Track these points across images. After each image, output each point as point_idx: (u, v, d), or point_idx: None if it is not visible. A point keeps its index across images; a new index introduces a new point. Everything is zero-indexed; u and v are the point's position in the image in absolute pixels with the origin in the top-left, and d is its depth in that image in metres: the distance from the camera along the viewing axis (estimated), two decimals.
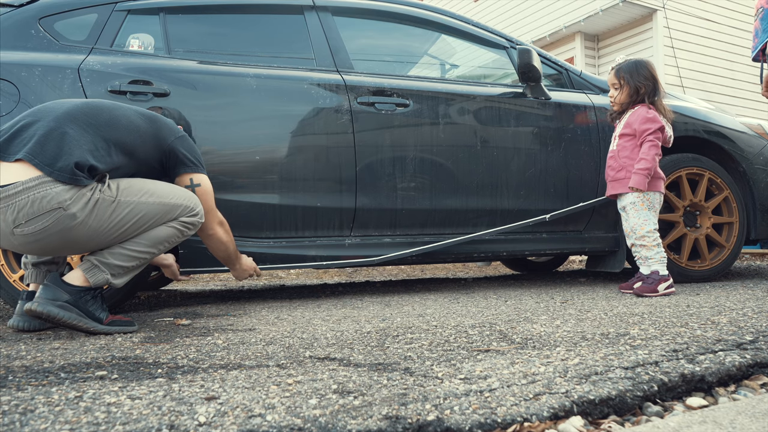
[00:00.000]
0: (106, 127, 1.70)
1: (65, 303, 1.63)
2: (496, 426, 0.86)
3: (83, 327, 1.67)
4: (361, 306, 2.35)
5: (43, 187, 1.54)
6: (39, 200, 1.53)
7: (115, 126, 1.72)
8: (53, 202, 1.54)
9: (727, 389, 1.08)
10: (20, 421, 0.90)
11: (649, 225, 2.43)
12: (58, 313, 1.61)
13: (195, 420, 0.88)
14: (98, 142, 1.66)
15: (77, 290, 1.66)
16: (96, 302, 1.71)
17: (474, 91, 2.71)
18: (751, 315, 1.67)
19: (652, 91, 2.49)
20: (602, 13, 8.45)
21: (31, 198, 1.53)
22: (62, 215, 1.56)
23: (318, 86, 2.46)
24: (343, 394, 1.00)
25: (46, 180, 1.54)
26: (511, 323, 1.73)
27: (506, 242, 2.72)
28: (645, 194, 2.43)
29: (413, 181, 2.56)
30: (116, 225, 1.67)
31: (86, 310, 1.68)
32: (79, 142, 1.61)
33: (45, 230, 1.57)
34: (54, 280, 1.66)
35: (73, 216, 1.58)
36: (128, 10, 2.42)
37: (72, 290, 1.65)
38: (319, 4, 2.68)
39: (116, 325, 1.75)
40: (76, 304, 1.65)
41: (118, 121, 1.74)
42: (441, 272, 4.91)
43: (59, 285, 1.65)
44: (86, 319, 1.67)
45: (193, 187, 1.88)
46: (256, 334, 1.70)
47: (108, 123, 1.71)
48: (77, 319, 1.65)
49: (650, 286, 2.34)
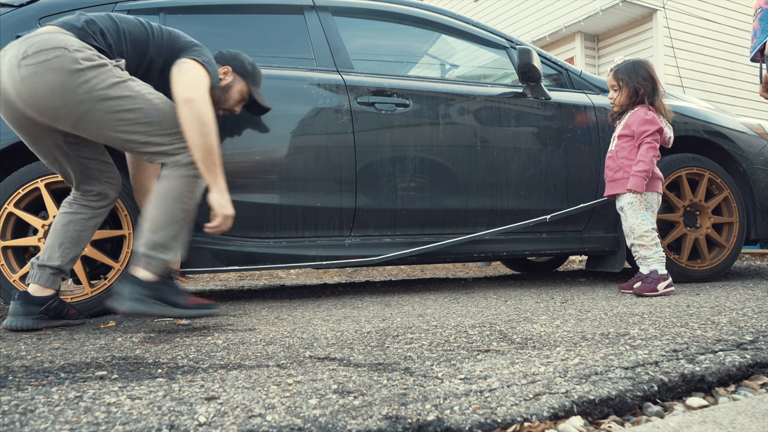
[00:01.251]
0: (123, 20, 1.83)
1: (148, 298, 1.70)
2: (496, 426, 0.86)
3: (171, 315, 1.75)
4: (361, 306, 2.35)
5: (58, 33, 1.68)
6: (50, 39, 1.65)
7: (132, 22, 1.84)
8: (61, 42, 1.65)
9: (727, 389, 1.08)
10: (20, 421, 0.90)
11: (647, 225, 2.43)
12: (145, 310, 1.70)
13: (195, 420, 0.88)
14: (112, 24, 1.79)
15: (152, 284, 1.73)
16: (172, 289, 1.78)
17: (474, 91, 2.71)
18: (751, 315, 1.67)
19: (652, 91, 2.49)
20: (602, 13, 8.45)
21: (45, 37, 1.66)
22: (66, 55, 1.63)
23: (318, 86, 2.46)
24: (343, 394, 1.00)
25: (61, 30, 1.70)
26: (511, 323, 1.73)
27: (506, 242, 2.72)
28: (642, 195, 2.44)
29: (413, 181, 2.56)
30: (113, 103, 1.68)
31: (167, 299, 1.74)
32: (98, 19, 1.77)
33: (46, 64, 1.63)
34: (129, 278, 1.72)
35: (75, 60, 1.64)
36: (128, 10, 2.42)
37: (149, 285, 1.72)
38: (319, 4, 2.68)
39: (200, 308, 1.83)
40: (157, 297, 1.72)
41: (135, 20, 1.86)
42: (441, 272, 4.91)
43: (137, 282, 1.71)
44: (171, 308, 1.75)
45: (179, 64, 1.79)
46: (256, 334, 1.70)
47: (127, 19, 1.84)
48: (163, 311, 1.73)
49: (649, 285, 2.35)
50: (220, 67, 2.07)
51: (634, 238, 2.46)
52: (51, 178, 2.13)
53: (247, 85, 2.12)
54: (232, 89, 2.09)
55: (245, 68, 2.11)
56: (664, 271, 2.39)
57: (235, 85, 2.10)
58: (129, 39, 1.80)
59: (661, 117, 2.49)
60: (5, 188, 2.10)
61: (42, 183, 2.12)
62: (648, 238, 2.42)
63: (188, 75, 1.78)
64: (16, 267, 2.14)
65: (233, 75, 2.10)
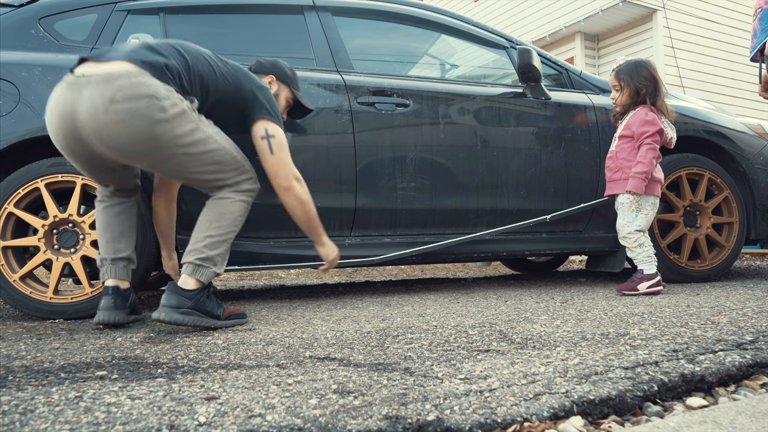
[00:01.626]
0: (189, 55, 1.80)
1: (188, 309, 1.75)
2: (496, 426, 0.86)
3: (206, 325, 1.79)
4: (361, 306, 2.35)
5: (143, 75, 1.64)
6: (139, 85, 1.63)
7: (197, 58, 1.82)
8: (150, 89, 1.63)
9: (727, 389, 1.08)
10: (20, 421, 0.90)
11: (631, 227, 2.43)
12: (183, 320, 1.73)
13: (195, 420, 0.88)
14: (184, 63, 1.77)
15: (194, 293, 1.77)
16: (211, 300, 1.83)
17: (474, 91, 2.71)
18: (751, 315, 1.67)
19: (653, 91, 2.49)
20: (602, 13, 8.45)
21: (133, 81, 1.63)
22: (154, 103, 1.63)
23: (318, 86, 2.46)
24: (343, 394, 1.00)
25: (144, 72, 1.65)
26: (511, 323, 1.73)
27: (506, 242, 2.72)
28: (637, 197, 2.44)
29: (413, 181, 2.56)
30: (191, 149, 1.73)
31: (205, 310, 1.79)
32: (170, 55, 1.74)
33: (135, 112, 1.62)
34: (174, 289, 1.76)
35: (163, 109, 1.65)
36: (128, 10, 2.42)
37: (189, 294, 1.76)
38: (319, 4, 2.68)
39: (233, 318, 1.89)
40: (196, 307, 1.76)
41: (199, 56, 1.84)
42: (441, 272, 4.91)
43: (179, 292, 1.75)
44: (207, 319, 1.79)
45: (267, 137, 1.88)
46: (256, 334, 1.70)
47: (191, 53, 1.81)
48: (200, 321, 1.77)
49: (630, 284, 2.39)
50: (265, 77, 2.13)
51: (620, 238, 2.49)
52: (51, 178, 2.13)
53: (291, 91, 2.19)
54: (279, 98, 2.16)
55: (287, 75, 2.18)
56: (652, 271, 2.39)
57: (281, 93, 2.16)
58: (198, 79, 1.81)
59: (662, 117, 2.48)
60: (5, 188, 2.11)
61: (42, 183, 2.12)
62: (630, 240, 2.43)
63: (279, 158, 1.90)
64: (16, 267, 2.14)
65: (278, 83, 2.16)
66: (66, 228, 2.17)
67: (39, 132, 2.10)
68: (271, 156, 1.89)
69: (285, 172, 1.92)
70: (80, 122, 1.65)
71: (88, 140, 1.68)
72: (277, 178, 1.92)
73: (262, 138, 1.88)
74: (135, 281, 2.18)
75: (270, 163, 1.90)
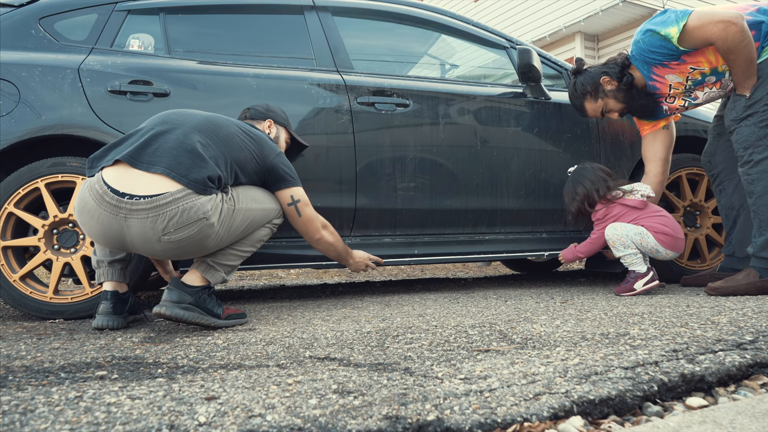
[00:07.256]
0: (223, 144, 1.82)
1: (189, 305, 1.77)
2: (496, 426, 0.86)
3: (206, 323, 1.81)
4: (361, 306, 2.35)
5: (189, 198, 1.65)
6: (188, 210, 1.65)
7: (231, 143, 1.85)
8: (199, 212, 1.67)
9: (727, 389, 1.08)
10: (20, 421, 0.90)
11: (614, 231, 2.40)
12: (183, 315, 1.75)
13: (195, 420, 0.88)
14: (219, 156, 1.79)
15: (196, 290, 1.80)
16: (212, 299, 1.86)
17: (474, 91, 2.71)
18: (751, 315, 1.67)
19: (599, 190, 2.47)
20: (602, 13, 8.45)
21: (181, 208, 1.64)
22: (205, 225, 1.69)
23: (318, 86, 2.46)
24: (343, 394, 1.00)
25: (189, 192, 1.66)
26: (511, 323, 1.73)
27: (506, 242, 2.72)
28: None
29: (413, 181, 2.56)
30: (234, 230, 1.82)
31: (206, 308, 1.82)
32: (206, 156, 1.73)
33: (189, 238, 1.68)
34: (176, 284, 1.79)
35: (212, 225, 1.71)
36: (128, 10, 2.42)
37: (192, 291, 1.79)
38: (319, 4, 2.68)
39: (232, 318, 1.92)
40: (197, 304, 1.79)
41: (232, 139, 1.86)
42: (441, 272, 4.91)
43: (181, 288, 1.79)
44: (207, 317, 1.82)
45: (294, 203, 2.00)
46: (256, 334, 1.70)
47: (225, 140, 1.83)
48: (200, 318, 1.79)
49: (626, 285, 2.38)
50: (263, 122, 2.18)
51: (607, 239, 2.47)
52: (51, 178, 2.13)
53: (287, 132, 2.25)
54: (279, 140, 2.22)
55: (282, 116, 2.25)
56: (643, 269, 2.38)
57: (281, 135, 2.23)
58: (235, 168, 1.84)
59: (620, 193, 2.48)
60: (5, 188, 2.11)
61: (42, 183, 2.12)
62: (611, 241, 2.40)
63: (307, 218, 2.03)
64: (16, 267, 2.14)
65: (276, 126, 2.21)
66: (66, 228, 2.17)
67: (39, 132, 2.10)
68: (299, 218, 2.02)
69: (314, 227, 2.06)
70: (129, 243, 1.71)
71: (136, 250, 1.75)
72: (307, 233, 2.07)
73: (289, 204, 2.00)
74: (135, 281, 2.18)
75: (300, 224, 2.04)
